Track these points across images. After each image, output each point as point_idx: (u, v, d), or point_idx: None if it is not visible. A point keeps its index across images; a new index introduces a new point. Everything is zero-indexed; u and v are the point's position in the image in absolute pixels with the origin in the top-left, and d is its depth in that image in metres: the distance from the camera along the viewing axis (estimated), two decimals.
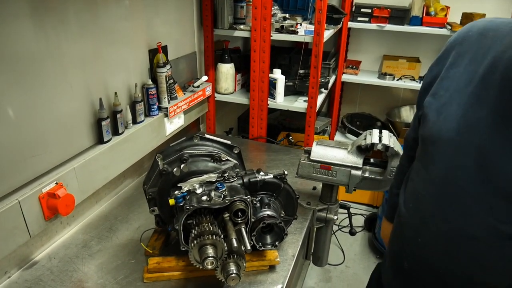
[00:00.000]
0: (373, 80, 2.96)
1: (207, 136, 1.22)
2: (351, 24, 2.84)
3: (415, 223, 1.02)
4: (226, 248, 0.98)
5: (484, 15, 2.48)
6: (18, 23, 1.06)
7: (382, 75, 2.95)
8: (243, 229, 1.06)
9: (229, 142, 1.23)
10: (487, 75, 0.85)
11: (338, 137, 3.26)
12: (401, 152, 1.29)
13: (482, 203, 0.86)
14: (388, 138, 1.30)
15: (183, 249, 1.05)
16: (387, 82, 2.92)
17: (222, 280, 1.00)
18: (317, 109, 2.09)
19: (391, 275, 1.15)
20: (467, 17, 2.62)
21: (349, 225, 1.72)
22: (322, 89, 2.30)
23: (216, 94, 2.24)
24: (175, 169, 1.11)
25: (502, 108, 0.82)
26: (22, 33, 1.08)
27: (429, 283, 1.01)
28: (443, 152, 0.92)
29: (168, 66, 1.69)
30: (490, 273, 0.90)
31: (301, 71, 2.20)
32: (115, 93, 1.46)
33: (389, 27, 2.72)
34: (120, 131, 1.50)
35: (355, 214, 3.06)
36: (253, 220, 1.11)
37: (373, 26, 2.76)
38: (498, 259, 0.88)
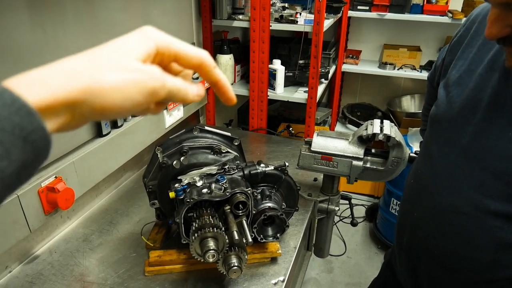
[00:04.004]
0: (374, 69, 2.94)
1: (206, 128, 1.20)
2: (351, 13, 2.81)
3: (413, 197, 1.06)
4: (227, 240, 0.97)
5: None
6: (14, 15, 1.04)
7: (382, 65, 2.93)
8: (244, 221, 1.05)
9: (229, 134, 1.22)
10: (496, 56, 0.85)
11: (338, 127, 3.25)
12: (402, 142, 1.29)
13: (472, 179, 0.88)
14: (389, 128, 1.29)
15: (184, 242, 1.05)
16: (388, 72, 2.89)
17: (224, 273, 0.99)
18: (317, 99, 2.08)
19: (397, 252, 1.17)
20: (468, 5, 2.59)
21: (350, 216, 1.71)
22: (322, 80, 2.28)
23: None
24: (174, 162, 1.10)
25: (504, 89, 0.82)
26: (18, 25, 1.06)
27: (421, 257, 1.04)
28: (443, 130, 0.95)
29: None
30: (474, 248, 0.92)
31: (301, 62, 2.18)
32: None
33: (389, 15, 2.69)
34: (119, 124, 1.48)
35: (356, 204, 3.07)
36: (254, 212, 1.10)
37: (373, 14, 2.73)
38: (484, 235, 0.90)
